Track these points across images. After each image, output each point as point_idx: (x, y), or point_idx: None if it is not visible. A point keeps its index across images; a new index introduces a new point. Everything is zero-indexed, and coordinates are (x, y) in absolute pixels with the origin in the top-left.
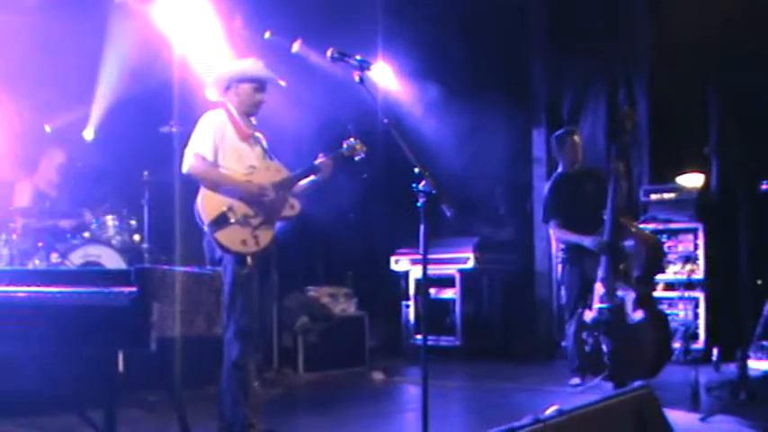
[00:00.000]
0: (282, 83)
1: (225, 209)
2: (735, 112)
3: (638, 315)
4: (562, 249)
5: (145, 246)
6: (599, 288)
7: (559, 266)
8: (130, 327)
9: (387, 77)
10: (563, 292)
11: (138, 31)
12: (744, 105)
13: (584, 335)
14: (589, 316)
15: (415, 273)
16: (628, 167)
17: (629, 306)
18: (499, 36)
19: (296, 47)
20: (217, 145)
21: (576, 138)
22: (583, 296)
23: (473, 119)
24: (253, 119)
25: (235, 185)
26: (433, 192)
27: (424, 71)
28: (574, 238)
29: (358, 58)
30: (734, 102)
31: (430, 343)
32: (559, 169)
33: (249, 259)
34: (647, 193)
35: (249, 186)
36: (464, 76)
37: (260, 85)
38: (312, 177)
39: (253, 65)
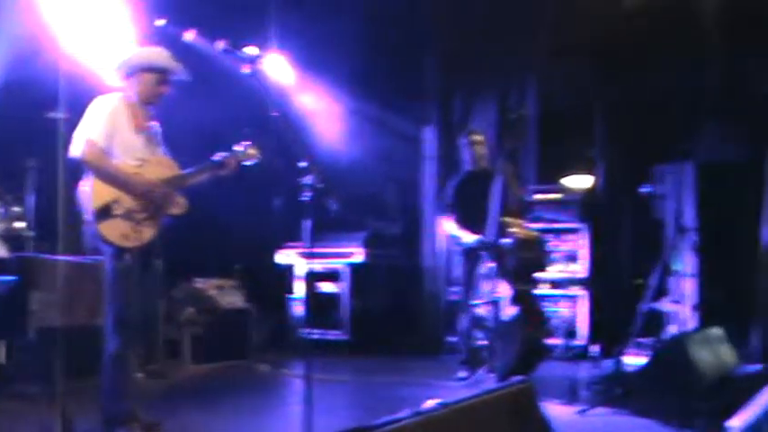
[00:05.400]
0: (185, 75)
1: (110, 200)
2: (620, 117)
3: (514, 312)
4: (458, 245)
5: (29, 233)
6: (483, 285)
7: (451, 262)
8: (8, 315)
9: (280, 69)
10: (456, 287)
11: (22, 14)
12: (628, 110)
13: (473, 330)
14: (479, 311)
15: (302, 266)
16: (516, 168)
17: (506, 303)
18: (394, 30)
19: (189, 36)
20: (109, 132)
21: (482, 137)
22: (474, 292)
23: (365, 113)
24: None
25: (123, 177)
26: (320, 185)
27: (319, 63)
28: (462, 234)
29: (249, 50)
30: (619, 107)
31: (317, 337)
32: (464, 167)
33: (127, 255)
34: (534, 193)
35: (137, 180)
36: (359, 70)
37: (165, 76)
38: (207, 175)
39: (160, 55)
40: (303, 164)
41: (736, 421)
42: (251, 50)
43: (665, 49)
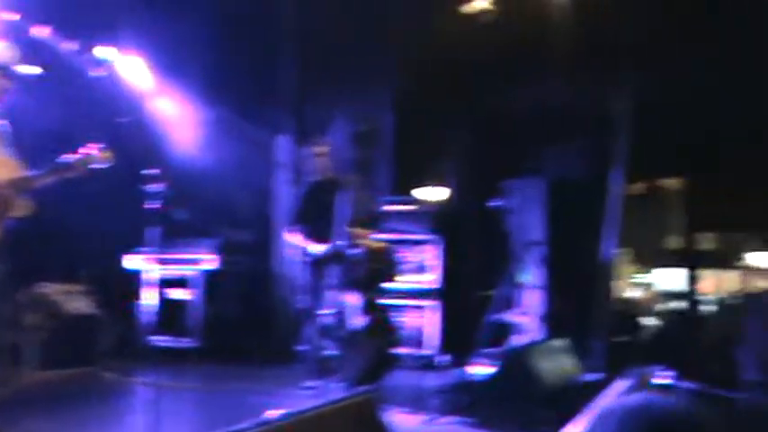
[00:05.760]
0: (29, 70)
1: None
2: (473, 132)
3: (362, 321)
4: (305, 254)
5: None
6: (330, 294)
7: (301, 271)
8: None
9: (137, 72)
10: (303, 295)
11: None
12: (481, 126)
13: (321, 339)
14: (327, 320)
15: (153, 273)
16: (367, 179)
17: (354, 312)
18: (249, 36)
19: (39, 32)
20: None
21: (325, 149)
22: (321, 301)
23: (220, 120)
24: None
25: None
26: (169, 192)
27: (174, 67)
28: (310, 245)
29: (102, 51)
30: (472, 122)
31: (166, 344)
32: (311, 177)
33: None
34: (387, 204)
35: None
36: (213, 75)
37: (9, 72)
38: (54, 177)
39: (5, 50)
40: (153, 170)
41: (571, 429)
42: (105, 51)
43: (519, 65)
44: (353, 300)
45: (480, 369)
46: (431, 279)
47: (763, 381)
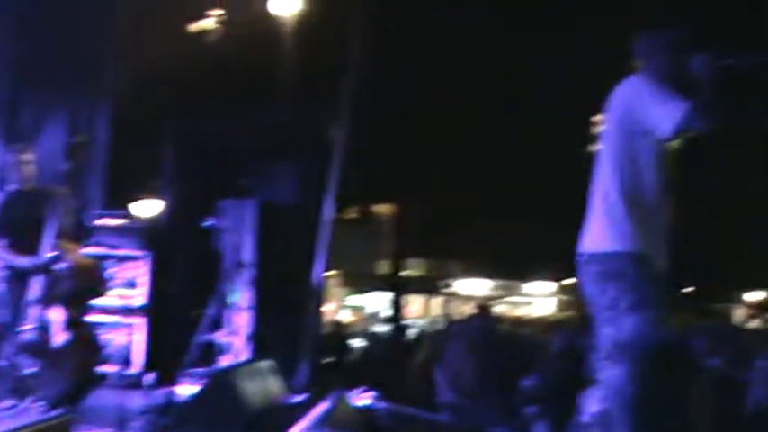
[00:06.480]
0: None
1: None
2: (190, 149)
3: (64, 338)
4: (7, 266)
5: None
6: (32, 310)
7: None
8: None
9: None
10: (2, 310)
11: None
12: (198, 143)
13: (21, 356)
14: (27, 336)
15: None
16: (78, 191)
17: (56, 328)
18: None
19: None
20: None
21: (30, 156)
22: (21, 316)
23: None
24: None
25: None
26: None
27: None
28: (11, 257)
29: None
30: (187, 140)
31: None
32: (11, 186)
33: None
34: (98, 218)
35: None
36: None
37: None
38: None
39: None
40: None
41: None
42: None
43: (238, 86)
44: (57, 315)
45: (187, 389)
46: (140, 296)
47: (459, 403)
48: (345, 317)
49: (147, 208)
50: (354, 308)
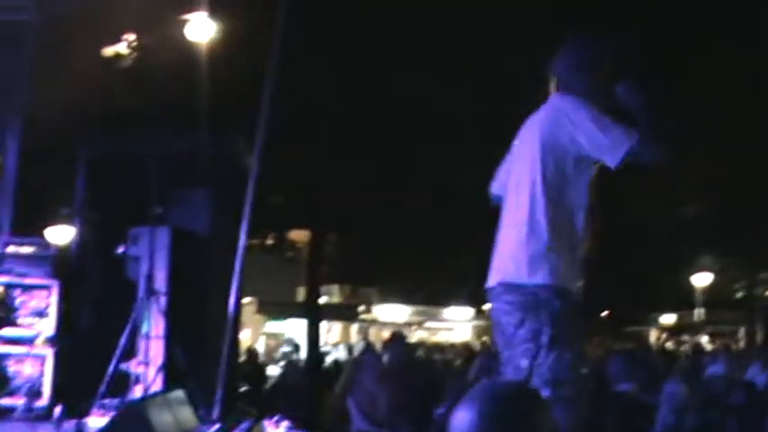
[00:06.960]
0: None
1: None
2: (102, 175)
3: None
4: None
5: None
6: None
7: None
8: None
9: None
10: None
11: None
12: (107, 171)
13: None
14: None
15: None
16: None
17: None
18: None
19: None
20: None
21: None
22: None
23: None
24: None
25: None
26: None
27: None
28: None
29: None
30: (99, 166)
31: None
32: None
33: None
34: (6, 245)
35: None
36: None
37: None
38: None
39: None
40: None
41: None
42: None
43: (151, 113)
44: None
45: (97, 421)
46: (49, 326)
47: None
48: (261, 345)
49: (58, 235)
50: (271, 335)
